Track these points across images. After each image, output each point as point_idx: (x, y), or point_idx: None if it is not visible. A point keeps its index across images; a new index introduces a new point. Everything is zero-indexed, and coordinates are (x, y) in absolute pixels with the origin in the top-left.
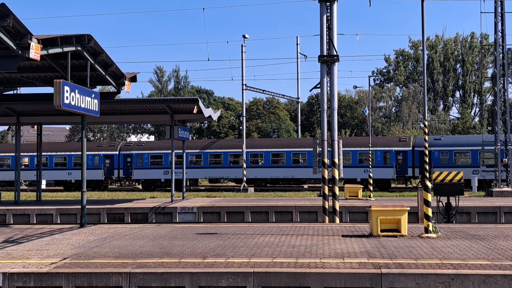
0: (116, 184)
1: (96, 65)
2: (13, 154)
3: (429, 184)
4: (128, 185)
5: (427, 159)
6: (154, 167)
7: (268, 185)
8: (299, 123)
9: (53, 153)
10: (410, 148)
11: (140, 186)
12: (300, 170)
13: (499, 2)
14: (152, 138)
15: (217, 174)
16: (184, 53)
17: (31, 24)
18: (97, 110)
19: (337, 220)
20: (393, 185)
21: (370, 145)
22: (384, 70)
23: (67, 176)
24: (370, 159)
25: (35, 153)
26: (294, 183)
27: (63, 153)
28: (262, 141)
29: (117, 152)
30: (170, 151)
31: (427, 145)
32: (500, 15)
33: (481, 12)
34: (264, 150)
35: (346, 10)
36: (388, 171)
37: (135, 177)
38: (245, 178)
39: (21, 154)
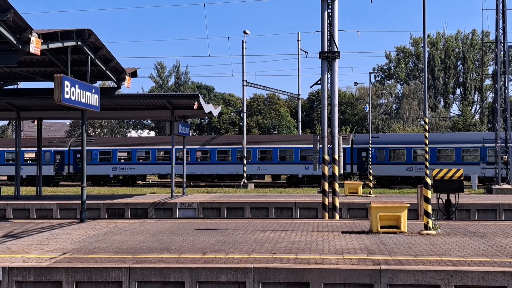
0: (67, 180)
1: (96, 60)
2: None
3: (429, 180)
4: (79, 180)
5: (427, 156)
6: (103, 163)
7: (214, 181)
8: (300, 120)
9: (5, 149)
10: (349, 146)
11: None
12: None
13: (501, 0)
14: (152, 133)
15: (164, 171)
16: (184, 48)
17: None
18: (97, 105)
19: (337, 216)
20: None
21: (370, 142)
22: (385, 67)
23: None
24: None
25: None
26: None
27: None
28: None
29: (67, 148)
30: (119, 147)
31: (427, 142)
32: (501, 12)
33: (482, 9)
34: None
35: (347, 7)
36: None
37: None
38: (245, 174)
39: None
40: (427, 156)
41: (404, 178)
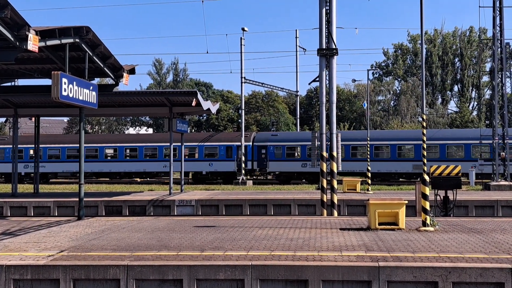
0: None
1: (94, 57)
2: None
3: (426, 177)
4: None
5: (425, 153)
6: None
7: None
8: (298, 116)
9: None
10: (250, 143)
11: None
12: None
13: None
14: (150, 130)
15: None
16: (183, 45)
17: (29, 16)
18: (95, 102)
19: (335, 213)
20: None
21: (368, 139)
22: (383, 64)
23: None
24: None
25: None
26: (146, 176)
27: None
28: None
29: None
30: (29, 146)
31: (425, 138)
32: (498, 9)
33: (479, 7)
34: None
35: (345, 4)
36: (230, 164)
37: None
38: (243, 171)
39: None
40: (425, 153)
41: (300, 174)
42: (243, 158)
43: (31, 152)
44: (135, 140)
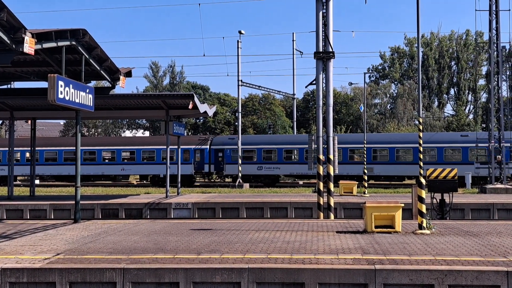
0: None
1: (90, 60)
2: None
3: (423, 180)
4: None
5: (421, 156)
6: None
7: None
8: (295, 119)
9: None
10: (208, 147)
11: None
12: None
13: (494, 0)
14: (147, 133)
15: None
16: (179, 48)
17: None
18: (91, 105)
19: (332, 216)
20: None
21: (365, 141)
22: (380, 67)
23: None
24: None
25: None
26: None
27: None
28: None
29: None
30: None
31: (421, 142)
32: (494, 13)
33: (475, 10)
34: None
35: (341, 7)
36: (188, 167)
37: None
38: (240, 174)
39: None
40: (421, 156)
41: (256, 177)
42: (240, 161)
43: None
44: (93, 144)
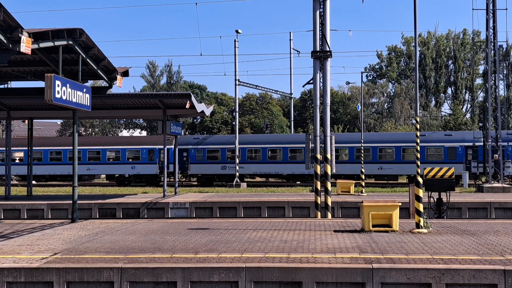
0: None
1: (87, 60)
2: None
3: (420, 179)
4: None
5: (418, 155)
6: None
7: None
8: (292, 119)
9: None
10: (172, 147)
11: None
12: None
13: (491, 0)
14: (144, 133)
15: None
16: (176, 47)
17: (22, 18)
18: (88, 104)
19: (329, 215)
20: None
21: (362, 141)
22: (377, 66)
23: None
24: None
25: None
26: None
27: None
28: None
29: None
30: None
31: (418, 141)
32: (491, 12)
33: (473, 9)
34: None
35: (339, 6)
36: (152, 167)
37: None
38: (237, 174)
39: None
40: (418, 155)
41: (220, 176)
42: (237, 160)
43: None
44: (60, 144)
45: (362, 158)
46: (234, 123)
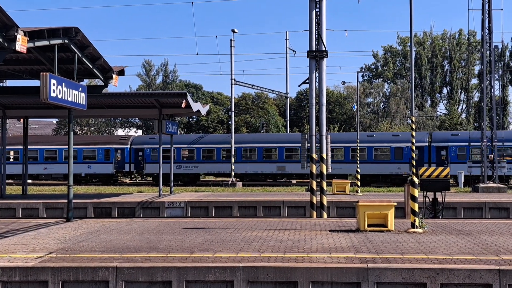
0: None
1: (83, 58)
2: None
3: (415, 179)
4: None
5: (414, 155)
6: None
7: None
8: (288, 118)
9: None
10: (128, 146)
11: None
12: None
13: (486, 0)
14: (140, 132)
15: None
16: (172, 47)
17: (17, 17)
18: (84, 103)
19: (325, 215)
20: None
21: (358, 141)
22: (372, 66)
23: None
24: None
25: None
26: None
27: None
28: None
29: None
30: None
31: (414, 141)
32: (487, 12)
33: (468, 9)
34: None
35: (335, 6)
36: (108, 166)
37: None
38: (233, 173)
39: None
40: (414, 155)
41: (175, 176)
42: (233, 160)
43: None
44: (18, 143)
45: (358, 158)
46: (230, 122)
